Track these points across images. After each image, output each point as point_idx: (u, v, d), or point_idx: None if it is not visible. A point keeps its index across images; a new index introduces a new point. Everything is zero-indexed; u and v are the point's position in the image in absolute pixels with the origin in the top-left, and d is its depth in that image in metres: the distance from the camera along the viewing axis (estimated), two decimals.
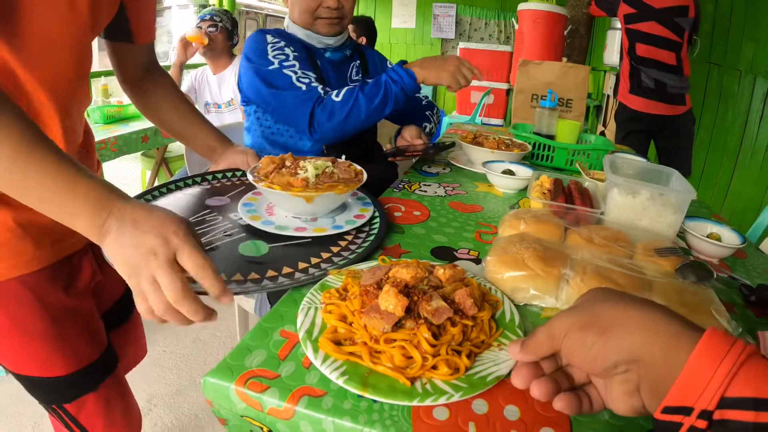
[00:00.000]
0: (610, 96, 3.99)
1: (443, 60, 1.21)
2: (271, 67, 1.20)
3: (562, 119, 1.54)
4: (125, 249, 0.52)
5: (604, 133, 3.90)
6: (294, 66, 1.20)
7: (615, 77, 3.15)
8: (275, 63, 1.21)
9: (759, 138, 3.11)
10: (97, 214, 0.53)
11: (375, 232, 0.82)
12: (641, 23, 2.50)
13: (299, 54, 1.25)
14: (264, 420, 0.49)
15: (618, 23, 2.70)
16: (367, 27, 3.01)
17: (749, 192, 3.16)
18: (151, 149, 2.79)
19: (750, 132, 3.19)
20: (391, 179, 1.45)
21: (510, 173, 1.18)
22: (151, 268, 0.51)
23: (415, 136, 1.38)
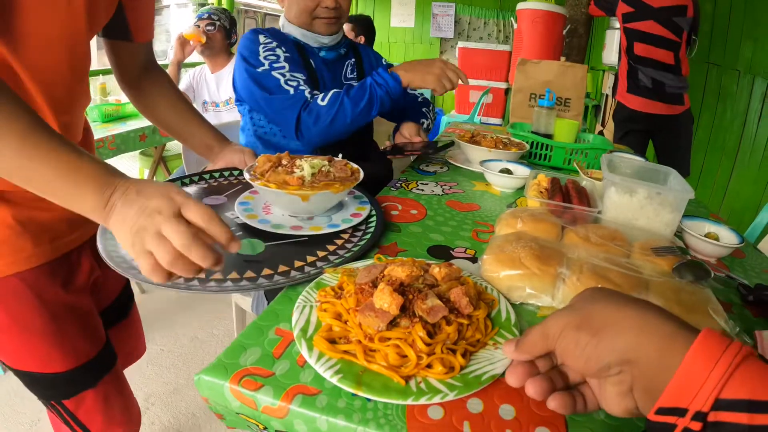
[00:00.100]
0: (608, 95, 3.99)
1: (429, 63, 1.20)
2: (261, 69, 1.20)
3: (560, 118, 1.53)
4: (130, 216, 0.53)
5: (602, 133, 3.91)
6: (283, 68, 1.20)
7: (614, 77, 3.15)
8: (265, 64, 1.20)
9: (757, 138, 3.11)
10: (102, 192, 0.55)
11: (371, 230, 0.82)
12: (639, 22, 2.50)
13: (291, 55, 1.25)
14: (258, 418, 0.49)
15: (617, 23, 2.70)
16: (366, 26, 3.00)
17: (748, 191, 3.16)
18: (149, 148, 2.79)
19: (749, 132, 3.19)
20: (387, 177, 1.45)
21: (508, 172, 1.17)
22: (156, 223, 0.51)
23: (414, 133, 1.38)
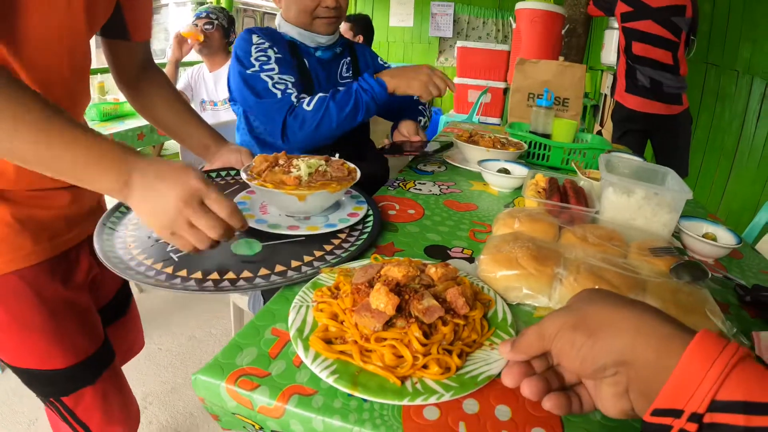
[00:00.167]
0: (607, 95, 3.99)
1: (415, 70, 1.20)
2: (251, 70, 1.20)
3: (558, 118, 1.53)
4: (155, 203, 0.59)
5: (601, 133, 3.91)
6: (273, 70, 1.20)
7: (612, 76, 3.15)
8: (256, 66, 1.20)
9: (756, 138, 3.12)
10: (120, 172, 0.58)
11: (368, 230, 0.82)
12: (638, 22, 2.50)
13: (283, 56, 1.24)
14: (255, 418, 0.49)
15: (616, 23, 2.70)
16: (364, 25, 3.00)
17: (746, 192, 3.17)
18: (147, 147, 2.78)
19: (747, 132, 3.19)
20: (384, 176, 1.45)
21: (505, 172, 1.17)
22: (185, 215, 0.59)
23: (413, 131, 1.38)
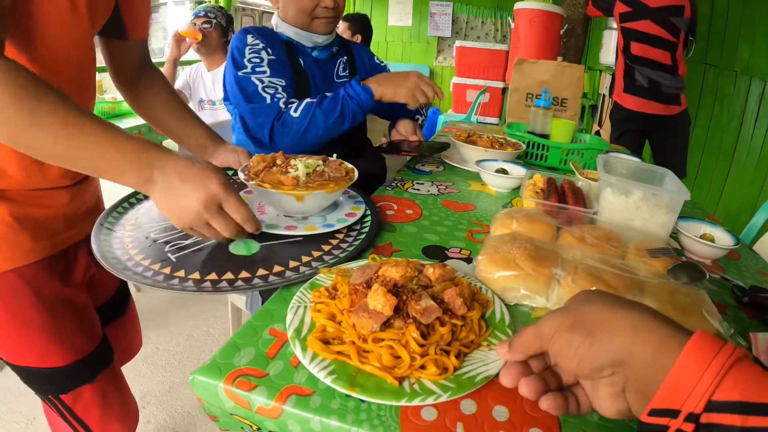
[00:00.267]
0: (606, 95, 3.99)
1: (403, 76, 1.20)
2: (243, 72, 1.19)
3: (556, 118, 1.53)
4: (176, 202, 0.63)
5: (599, 133, 3.91)
6: (264, 73, 1.19)
7: (611, 77, 3.16)
8: (248, 67, 1.20)
9: (754, 138, 3.13)
10: (143, 168, 0.62)
11: (366, 230, 0.82)
12: (636, 22, 2.50)
13: (277, 57, 1.24)
14: (252, 418, 0.49)
15: (614, 23, 2.71)
16: (363, 25, 2.99)
17: (744, 193, 3.17)
18: None
19: (745, 133, 3.20)
20: (381, 175, 1.44)
21: (503, 172, 1.17)
22: (204, 218, 0.64)
23: (411, 130, 1.38)
